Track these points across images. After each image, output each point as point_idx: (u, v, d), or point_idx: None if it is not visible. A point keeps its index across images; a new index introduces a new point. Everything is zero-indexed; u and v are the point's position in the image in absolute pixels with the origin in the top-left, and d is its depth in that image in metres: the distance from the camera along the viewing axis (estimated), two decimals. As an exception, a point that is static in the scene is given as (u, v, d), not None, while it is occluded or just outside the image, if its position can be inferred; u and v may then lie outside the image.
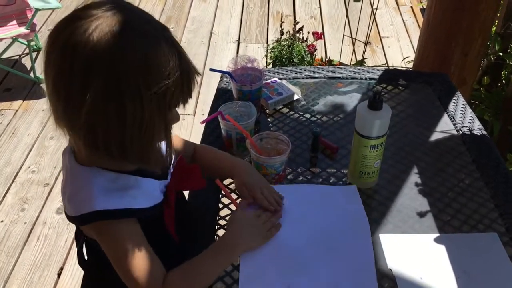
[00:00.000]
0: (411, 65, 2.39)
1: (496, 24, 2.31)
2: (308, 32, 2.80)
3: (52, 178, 2.41)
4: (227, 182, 1.16)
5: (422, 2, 3.78)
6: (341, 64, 2.77)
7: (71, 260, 2.04)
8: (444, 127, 1.39)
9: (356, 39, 2.84)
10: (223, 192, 1.09)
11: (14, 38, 2.87)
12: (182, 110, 0.87)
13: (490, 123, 2.25)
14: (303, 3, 3.92)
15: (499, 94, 2.30)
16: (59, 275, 1.99)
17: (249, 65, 1.37)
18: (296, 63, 2.63)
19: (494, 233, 1.07)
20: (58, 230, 2.16)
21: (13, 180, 2.40)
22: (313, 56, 2.72)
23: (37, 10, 2.78)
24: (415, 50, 2.21)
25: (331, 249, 1.01)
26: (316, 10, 3.84)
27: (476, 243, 1.06)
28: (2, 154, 2.55)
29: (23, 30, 2.81)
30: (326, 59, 2.89)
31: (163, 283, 0.88)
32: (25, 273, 1.99)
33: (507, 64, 2.35)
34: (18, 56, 3.25)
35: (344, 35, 2.98)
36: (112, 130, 0.78)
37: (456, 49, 1.91)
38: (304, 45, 2.70)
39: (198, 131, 2.52)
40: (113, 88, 0.75)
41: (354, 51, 3.07)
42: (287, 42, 2.69)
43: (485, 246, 1.05)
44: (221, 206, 1.15)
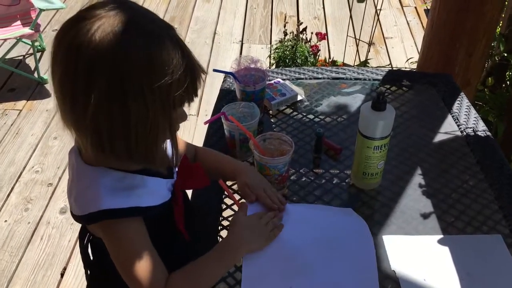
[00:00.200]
0: (415, 66, 2.38)
1: (500, 25, 2.30)
2: (312, 33, 2.80)
3: (56, 178, 2.42)
4: (230, 183, 1.16)
5: (426, 2, 3.77)
6: (345, 64, 2.77)
7: (74, 260, 2.04)
8: (448, 128, 1.38)
9: (359, 39, 2.84)
10: (226, 193, 1.09)
11: (18, 38, 2.88)
12: (185, 110, 0.87)
13: (495, 124, 2.24)
14: (307, 4, 3.91)
15: (504, 95, 2.30)
16: (62, 275, 1.99)
17: (253, 65, 1.36)
18: (299, 64, 2.63)
19: (498, 235, 1.07)
20: (61, 230, 2.17)
21: (17, 180, 2.41)
22: (317, 57, 2.72)
23: (41, 10, 2.79)
24: (419, 51, 2.20)
25: (333, 250, 1.01)
26: (320, 10, 3.83)
27: (480, 245, 1.05)
28: (6, 154, 2.56)
29: (27, 30, 2.82)
30: (330, 60, 2.89)
31: (165, 285, 0.88)
32: (28, 273, 2.00)
33: (512, 65, 2.34)
34: (22, 57, 3.26)
35: (347, 35, 2.98)
36: (116, 130, 0.78)
37: (461, 50, 1.90)
38: (308, 45, 2.70)
39: (201, 132, 2.53)
40: (116, 87, 0.75)
41: (357, 51, 3.06)
42: (291, 43, 2.69)
43: (489, 248, 1.04)
44: (224, 207, 1.15)
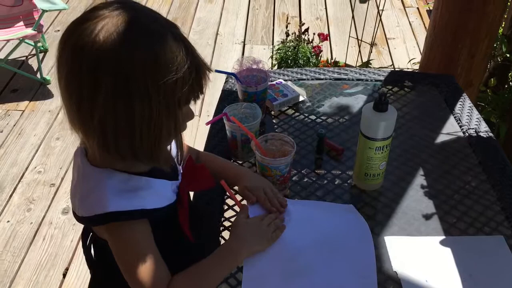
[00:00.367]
0: (417, 66, 2.38)
1: (503, 25, 2.29)
2: (314, 34, 2.80)
3: (58, 179, 2.43)
4: (232, 184, 1.17)
5: (428, 3, 3.76)
6: (347, 65, 2.77)
7: (76, 260, 2.05)
8: (450, 129, 1.38)
9: (362, 40, 2.83)
10: (227, 193, 1.09)
11: (21, 39, 2.89)
12: (191, 109, 0.87)
13: (497, 125, 2.24)
14: (309, 5, 3.91)
15: (506, 96, 2.29)
16: (64, 275, 2.00)
17: (254, 66, 1.37)
18: (301, 65, 2.63)
19: (500, 236, 1.07)
20: (64, 230, 2.17)
21: (19, 180, 2.42)
22: (319, 58, 2.72)
23: (43, 11, 2.80)
24: (421, 52, 2.20)
25: (333, 252, 1.01)
26: (322, 11, 3.83)
27: (482, 246, 1.05)
28: (8, 155, 2.57)
29: (30, 31, 2.82)
30: (332, 61, 2.88)
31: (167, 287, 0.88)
32: (30, 273, 2.00)
33: (514, 66, 2.33)
34: (25, 57, 3.27)
35: (350, 36, 2.98)
36: (122, 129, 0.78)
37: (463, 50, 1.90)
38: (310, 46, 2.70)
39: (203, 133, 2.53)
40: (121, 87, 0.75)
41: (360, 52, 3.06)
42: (293, 44, 2.69)
43: (491, 249, 1.04)
44: (225, 207, 1.15)
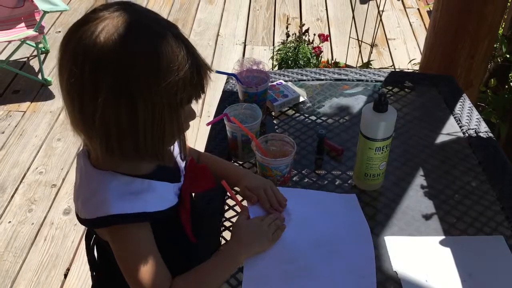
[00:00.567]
0: (417, 67, 2.38)
1: (503, 26, 2.30)
2: (314, 34, 2.80)
3: (60, 179, 2.43)
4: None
5: (429, 4, 3.76)
6: (347, 66, 2.77)
7: (77, 261, 2.05)
8: (450, 130, 1.38)
9: (362, 41, 2.84)
10: (228, 194, 1.10)
11: (22, 40, 2.90)
12: (193, 109, 0.87)
13: (497, 125, 2.24)
14: (310, 6, 3.92)
15: (506, 96, 2.29)
16: (65, 276, 2.00)
17: (255, 67, 1.37)
18: (302, 65, 2.64)
19: (500, 236, 1.07)
20: (65, 231, 2.18)
21: (21, 181, 2.42)
22: (319, 58, 2.72)
23: (45, 12, 2.80)
24: (422, 52, 2.20)
25: (333, 252, 1.01)
26: (323, 12, 3.84)
27: (482, 246, 1.05)
28: (10, 155, 2.57)
29: (31, 32, 2.83)
30: (332, 61, 2.89)
31: None
32: (32, 273, 2.00)
33: (514, 66, 2.34)
34: (26, 58, 3.27)
35: (350, 37, 2.98)
36: (124, 129, 0.78)
37: (463, 51, 1.90)
38: (310, 47, 2.70)
39: (203, 133, 2.53)
40: (122, 88, 0.75)
41: (360, 53, 3.06)
42: (293, 44, 2.69)
43: (491, 249, 1.04)
44: (226, 207, 1.15)
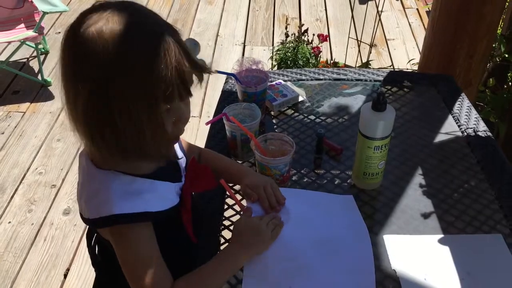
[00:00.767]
0: (416, 67, 2.38)
1: (501, 26, 2.30)
2: (314, 35, 2.81)
3: (59, 180, 2.43)
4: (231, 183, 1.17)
5: (428, 4, 3.77)
6: (346, 66, 2.77)
7: (77, 261, 2.05)
8: (448, 129, 1.39)
9: (361, 41, 2.84)
10: (227, 193, 1.10)
11: (22, 41, 2.90)
12: (187, 112, 0.88)
13: (496, 125, 2.24)
14: (309, 6, 3.92)
15: (505, 96, 2.30)
16: (65, 276, 2.00)
17: (254, 67, 1.37)
18: (301, 65, 2.64)
19: (498, 235, 1.07)
20: (64, 231, 2.18)
21: (20, 182, 2.43)
22: (318, 58, 2.72)
23: (44, 13, 2.81)
24: (421, 52, 2.21)
25: (332, 251, 1.02)
26: (322, 12, 3.84)
27: (481, 245, 1.06)
28: (10, 156, 2.58)
29: (31, 33, 2.83)
30: (331, 61, 2.89)
31: None
32: (32, 273, 2.01)
33: (513, 66, 2.34)
34: (26, 59, 3.28)
35: (349, 37, 2.98)
36: (119, 130, 0.78)
37: (462, 51, 1.90)
38: (309, 47, 2.71)
39: (203, 133, 2.53)
40: (116, 88, 0.75)
41: (359, 53, 3.07)
42: (292, 45, 2.70)
43: (490, 248, 1.05)
44: (225, 207, 1.16)
